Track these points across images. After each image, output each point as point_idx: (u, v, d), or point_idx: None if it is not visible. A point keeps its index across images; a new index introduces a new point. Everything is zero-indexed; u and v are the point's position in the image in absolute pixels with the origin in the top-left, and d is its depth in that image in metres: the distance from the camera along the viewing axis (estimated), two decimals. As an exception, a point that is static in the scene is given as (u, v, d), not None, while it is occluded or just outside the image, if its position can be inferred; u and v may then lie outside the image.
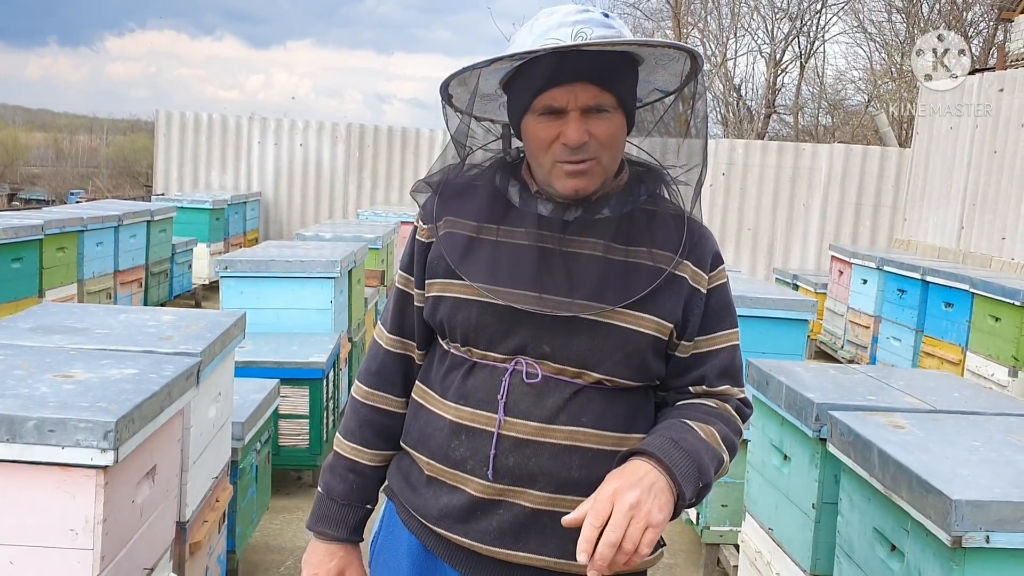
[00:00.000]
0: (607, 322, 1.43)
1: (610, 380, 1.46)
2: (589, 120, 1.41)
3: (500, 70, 1.48)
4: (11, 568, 1.80)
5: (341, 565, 1.63)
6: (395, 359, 1.62)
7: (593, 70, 1.39)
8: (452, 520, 1.47)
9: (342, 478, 1.63)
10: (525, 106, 1.44)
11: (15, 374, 2.04)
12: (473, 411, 1.46)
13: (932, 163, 10.02)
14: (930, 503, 1.81)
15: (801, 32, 21.99)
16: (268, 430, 3.70)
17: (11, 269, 5.72)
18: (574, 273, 1.44)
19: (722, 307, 1.55)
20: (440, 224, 1.53)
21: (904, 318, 6.80)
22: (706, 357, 1.53)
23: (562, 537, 1.42)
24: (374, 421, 1.62)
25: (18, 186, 25.21)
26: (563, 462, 1.43)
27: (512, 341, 1.45)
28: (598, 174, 1.44)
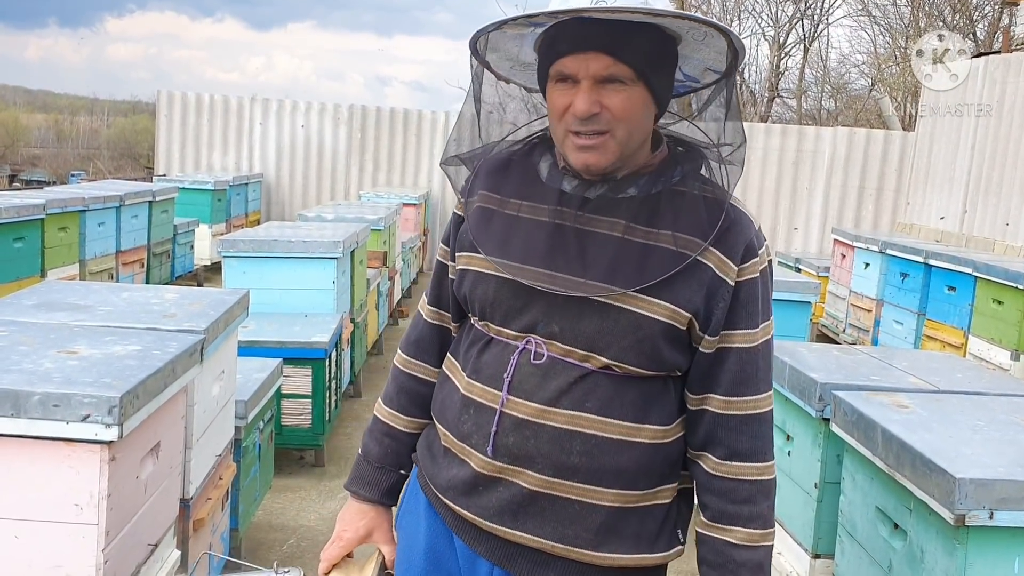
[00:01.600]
0: (618, 305, 1.39)
1: (619, 366, 1.41)
2: (603, 91, 1.36)
3: (533, 35, 1.44)
4: (16, 543, 1.81)
5: (371, 526, 1.66)
6: (432, 330, 1.65)
7: (607, 39, 1.34)
8: (457, 492, 1.49)
9: (378, 441, 1.67)
10: (545, 73, 1.41)
11: (19, 350, 2.04)
12: (483, 387, 1.47)
13: (936, 147, 9.99)
14: (933, 482, 1.81)
15: (805, 15, 21.89)
16: (271, 409, 3.71)
17: (13, 249, 5.72)
18: (588, 252, 1.41)
19: (749, 301, 1.44)
20: (473, 199, 1.53)
21: (906, 302, 6.79)
22: (726, 355, 1.44)
23: (560, 521, 1.43)
24: (410, 389, 1.65)
25: (19, 167, 25.19)
26: (563, 446, 1.41)
27: (525, 318, 1.44)
28: (611, 149, 1.39)
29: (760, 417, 1.46)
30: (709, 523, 1.48)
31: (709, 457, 1.47)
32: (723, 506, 1.46)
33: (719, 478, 1.46)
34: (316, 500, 4.17)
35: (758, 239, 1.46)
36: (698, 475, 1.49)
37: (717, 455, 1.46)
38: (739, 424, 1.45)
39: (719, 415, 1.45)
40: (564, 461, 1.42)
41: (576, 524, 1.43)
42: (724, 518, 1.46)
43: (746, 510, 1.45)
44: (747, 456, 1.45)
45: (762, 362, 1.46)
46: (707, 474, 1.47)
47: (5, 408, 1.76)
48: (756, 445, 1.46)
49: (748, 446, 1.45)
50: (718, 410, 1.45)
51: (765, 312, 1.47)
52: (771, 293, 1.50)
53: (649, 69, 1.37)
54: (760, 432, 1.46)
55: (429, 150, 11.99)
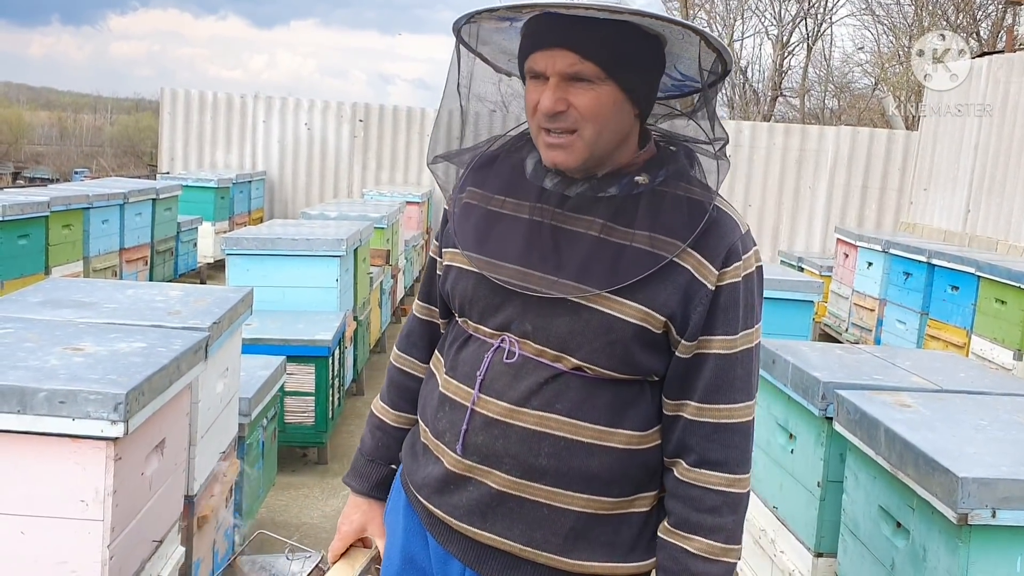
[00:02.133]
0: (591, 306, 1.37)
1: (591, 368, 1.39)
2: (571, 89, 1.34)
3: (516, 30, 1.43)
4: (22, 538, 1.81)
5: (364, 520, 1.68)
6: (422, 325, 1.65)
7: (573, 36, 1.32)
8: (431, 490, 1.49)
9: (371, 434, 1.69)
10: (520, 69, 1.41)
11: (25, 347, 2.04)
12: (458, 384, 1.47)
13: (939, 146, 9.98)
14: (936, 481, 1.82)
15: (808, 14, 21.87)
16: (274, 407, 3.71)
17: (17, 246, 5.73)
18: (563, 251, 1.39)
19: (730, 307, 1.39)
20: (462, 195, 1.53)
21: (909, 301, 6.79)
22: (703, 361, 1.40)
23: (528, 524, 1.41)
24: (400, 383, 1.66)
25: (22, 165, 25.22)
26: (531, 447, 1.40)
27: (500, 316, 1.43)
28: (579, 148, 1.37)
29: (734, 427, 1.42)
30: (670, 529, 1.43)
31: (680, 463, 1.43)
32: (686, 513, 1.41)
33: (686, 484, 1.42)
34: (319, 497, 4.18)
35: (743, 243, 1.41)
36: (668, 481, 1.45)
37: (687, 462, 1.42)
38: (711, 432, 1.41)
39: (691, 421, 1.41)
40: (532, 462, 1.40)
41: (544, 528, 1.41)
42: (686, 526, 1.41)
43: (709, 520, 1.40)
44: (717, 465, 1.41)
45: (740, 370, 1.41)
46: (675, 479, 1.43)
47: (11, 405, 1.77)
48: (728, 455, 1.41)
49: (719, 456, 1.41)
50: (691, 416, 1.42)
51: (747, 319, 1.41)
52: (757, 300, 1.44)
53: (620, 68, 1.34)
54: (734, 442, 1.42)
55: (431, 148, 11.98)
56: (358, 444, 1.72)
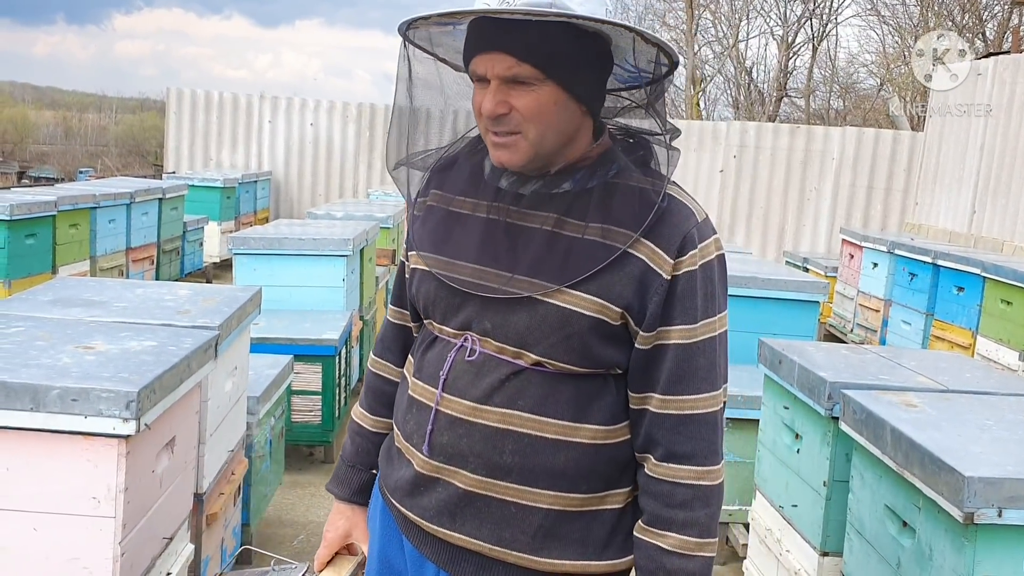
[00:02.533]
0: (546, 301, 1.37)
1: (550, 363, 1.39)
2: (512, 91, 1.35)
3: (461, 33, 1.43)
4: (35, 535, 1.83)
5: (348, 526, 1.69)
6: (395, 329, 1.66)
7: (510, 40, 1.33)
8: (402, 493, 1.50)
9: (351, 440, 1.70)
10: (468, 73, 1.41)
11: (37, 345, 2.06)
12: (424, 385, 1.48)
13: (945, 147, 9.97)
14: (943, 480, 1.82)
15: (814, 14, 21.85)
16: (282, 405, 3.73)
17: (25, 245, 5.75)
18: (518, 248, 1.40)
19: (687, 296, 1.38)
20: (426, 199, 1.54)
21: (915, 302, 6.79)
22: (663, 352, 1.39)
23: (497, 523, 1.41)
24: (377, 388, 1.68)
25: (27, 164, 25.25)
26: (495, 445, 1.39)
27: (462, 316, 1.43)
28: (523, 149, 1.37)
29: (700, 418, 1.40)
30: (644, 527, 1.42)
31: (649, 458, 1.42)
32: (658, 509, 1.40)
33: (655, 480, 1.40)
34: (326, 496, 4.19)
35: (700, 231, 1.40)
36: (639, 478, 1.44)
37: (655, 456, 1.41)
38: (676, 424, 1.39)
39: (656, 414, 1.40)
40: (497, 460, 1.40)
41: (513, 527, 1.41)
42: (658, 522, 1.40)
43: (681, 515, 1.38)
44: (684, 458, 1.39)
45: (702, 360, 1.40)
46: (645, 476, 1.42)
47: (24, 402, 1.79)
48: (696, 447, 1.39)
49: (687, 448, 1.39)
50: (656, 409, 1.40)
51: (708, 308, 1.40)
52: (719, 289, 1.42)
53: (558, 68, 1.34)
54: (700, 434, 1.40)
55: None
56: None
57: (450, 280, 1.43)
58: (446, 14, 1.36)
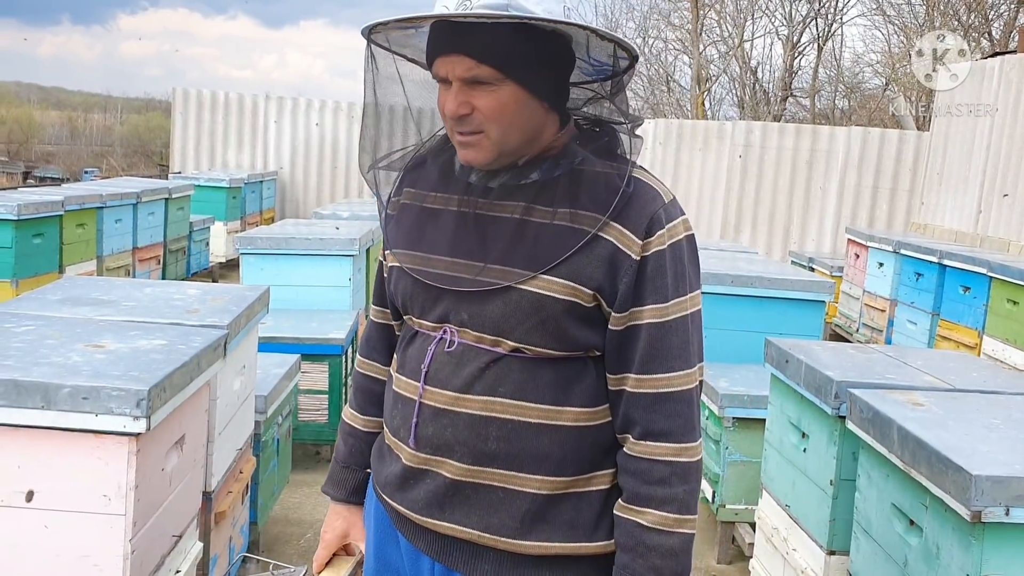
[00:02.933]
0: (519, 287, 1.39)
1: (528, 348, 1.41)
2: (473, 92, 1.37)
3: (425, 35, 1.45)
4: (46, 532, 1.84)
5: (345, 526, 1.70)
6: (379, 329, 1.68)
7: (469, 42, 1.35)
8: (392, 488, 1.52)
9: (344, 441, 1.71)
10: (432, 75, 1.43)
11: (47, 343, 2.07)
12: (406, 380, 1.49)
13: (951, 147, 9.96)
14: (950, 479, 1.83)
15: (819, 14, 21.82)
16: (289, 404, 3.74)
17: (32, 245, 5.77)
18: (488, 238, 1.42)
19: (657, 275, 1.40)
20: (399, 197, 1.57)
21: (920, 301, 6.78)
22: (636, 332, 1.41)
23: (485, 510, 1.43)
24: (365, 388, 1.69)
25: (33, 164, 25.32)
26: (479, 433, 1.41)
27: (439, 308, 1.45)
28: (486, 147, 1.40)
29: (675, 396, 1.41)
30: (624, 504, 1.43)
31: (627, 438, 1.43)
32: (637, 487, 1.41)
33: (634, 458, 1.42)
34: (332, 495, 4.21)
35: (667, 211, 1.42)
36: (619, 457, 1.45)
37: (633, 435, 1.42)
38: (651, 403, 1.41)
39: (632, 394, 1.42)
40: (482, 448, 1.41)
41: (501, 512, 1.42)
42: (637, 499, 1.41)
43: (660, 492, 1.40)
44: (661, 436, 1.40)
45: (675, 339, 1.41)
46: (624, 455, 1.43)
47: (36, 400, 1.80)
48: (672, 425, 1.41)
49: (663, 426, 1.40)
50: (632, 389, 1.42)
51: (678, 287, 1.42)
52: (690, 268, 1.44)
53: (517, 68, 1.37)
54: (676, 411, 1.41)
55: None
56: None
57: (423, 276, 1.46)
58: (405, 19, 1.38)
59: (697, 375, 1.45)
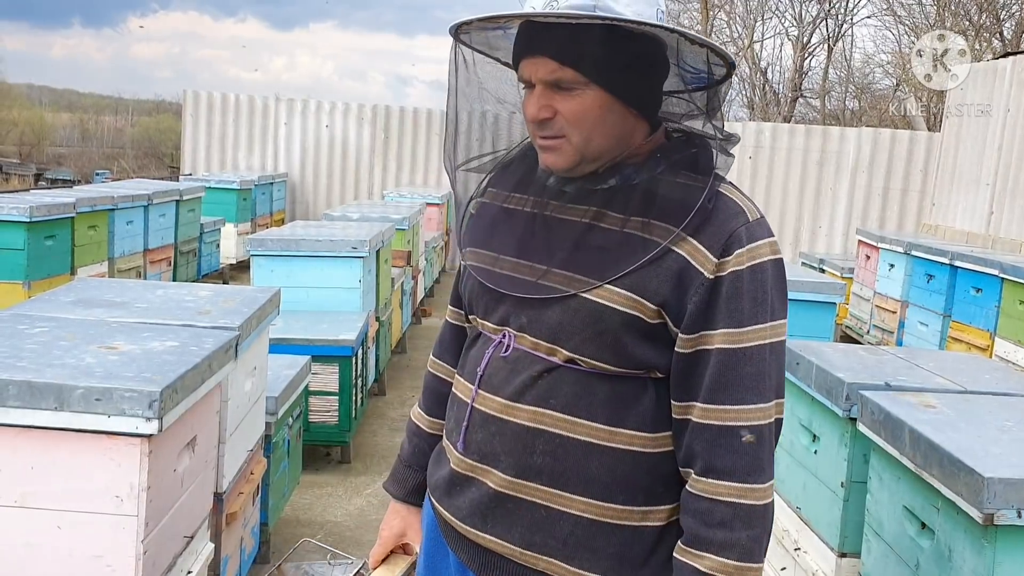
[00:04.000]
0: (580, 295, 1.34)
1: (583, 360, 1.34)
2: (557, 96, 1.33)
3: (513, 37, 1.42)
4: (58, 532, 1.85)
5: (402, 525, 1.68)
6: (452, 330, 1.66)
7: (553, 44, 1.30)
8: (440, 492, 1.49)
9: (408, 440, 1.69)
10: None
11: (60, 345, 2.08)
12: (464, 382, 1.47)
13: (962, 147, 9.92)
14: (962, 481, 1.82)
15: (829, 15, 21.77)
16: (300, 406, 3.75)
17: (44, 247, 5.80)
18: (555, 241, 1.38)
19: (732, 298, 1.30)
20: (482, 197, 1.55)
21: (932, 303, 6.76)
22: (705, 357, 1.32)
23: (527, 526, 1.37)
24: (434, 389, 1.66)
25: (44, 166, 25.45)
26: (525, 444, 1.36)
27: (500, 311, 1.42)
28: (568, 152, 1.36)
29: (744, 431, 1.31)
30: (682, 547, 1.33)
31: (690, 473, 1.34)
32: (696, 528, 1.31)
33: (695, 496, 1.32)
34: (343, 496, 4.22)
35: (750, 231, 1.32)
36: (682, 495, 1.36)
37: (695, 471, 1.33)
38: (717, 436, 1.31)
39: (697, 424, 1.32)
40: (527, 461, 1.36)
41: (544, 531, 1.36)
42: (696, 542, 1.31)
43: (720, 536, 1.29)
44: (725, 474, 1.30)
45: (749, 368, 1.31)
46: (686, 492, 1.34)
47: (49, 401, 1.81)
48: (738, 463, 1.30)
49: (728, 463, 1.30)
50: (697, 419, 1.32)
51: (757, 313, 1.31)
52: (773, 295, 1.33)
53: (603, 73, 1.31)
54: (743, 448, 1.30)
55: (452, 150, 12.01)
56: (379, 443, 1.74)
57: (484, 277, 1.43)
58: (488, 18, 1.35)
59: (773, 411, 1.34)
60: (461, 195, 1.57)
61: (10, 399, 1.80)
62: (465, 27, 1.41)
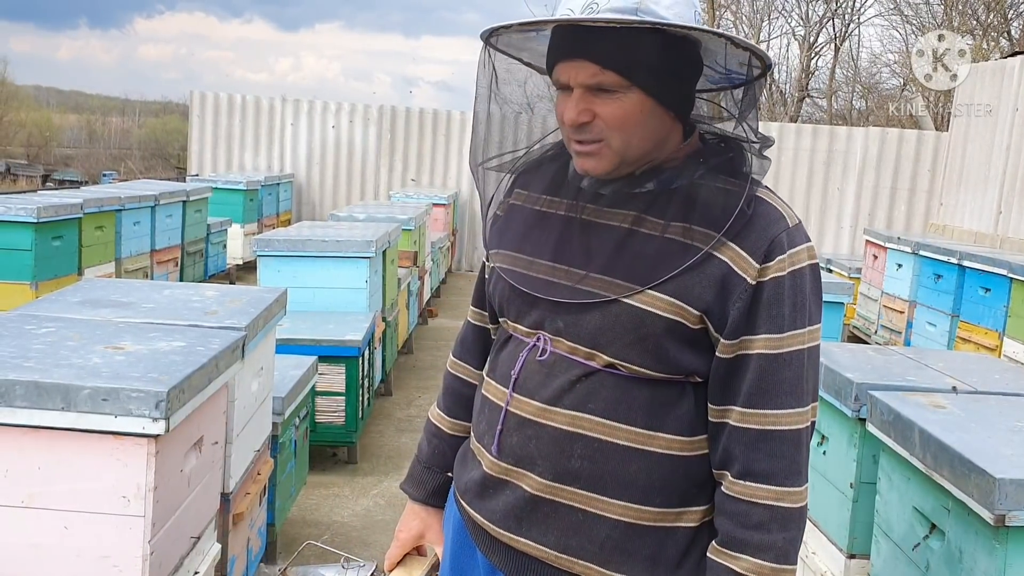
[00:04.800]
0: (620, 300, 1.33)
1: (623, 365, 1.34)
2: (596, 99, 1.31)
3: (544, 38, 1.40)
4: (65, 533, 1.85)
5: (421, 527, 1.66)
6: (475, 331, 1.64)
7: (594, 47, 1.29)
8: (472, 495, 1.48)
9: (428, 441, 1.67)
10: (551, 80, 1.38)
11: (67, 345, 2.08)
12: (496, 385, 1.46)
13: (970, 147, 9.89)
14: (973, 482, 1.81)
15: (836, 14, 21.73)
16: (306, 406, 3.75)
17: (52, 247, 5.81)
18: (593, 246, 1.36)
19: (774, 304, 1.30)
20: (509, 198, 1.53)
21: (940, 303, 6.74)
22: (745, 362, 1.32)
23: (563, 531, 1.37)
24: (455, 390, 1.65)
25: (51, 167, 25.53)
26: (563, 448, 1.35)
27: (535, 314, 1.41)
28: (607, 156, 1.34)
29: (781, 435, 1.32)
30: (717, 547, 1.35)
31: (726, 475, 1.35)
32: (733, 530, 1.33)
33: (731, 498, 1.33)
34: (349, 496, 4.21)
35: (790, 236, 1.33)
36: (716, 497, 1.37)
37: (732, 473, 1.34)
38: (755, 440, 1.32)
39: (735, 428, 1.33)
40: (565, 465, 1.36)
41: (580, 535, 1.36)
42: (732, 543, 1.32)
43: (756, 538, 1.31)
44: (762, 477, 1.32)
45: (788, 373, 1.32)
46: (722, 494, 1.35)
47: (56, 402, 1.81)
48: (775, 466, 1.32)
49: (765, 466, 1.32)
50: (735, 423, 1.33)
51: (796, 319, 1.32)
52: (811, 300, 1.34)
53: (644, 75, 1.30)
54: (781, 451, 1.32)
55: (458, 150, 12.03)
56: (386, 444, 1.73)
57: (518, 281, 1.41)
58: (529, 23, 1.33)
59: (809, 415, 1.36)
60: (484, 194, 1.56)
61: (17, 399, 1.80)
62: (502, 31, 1.38)
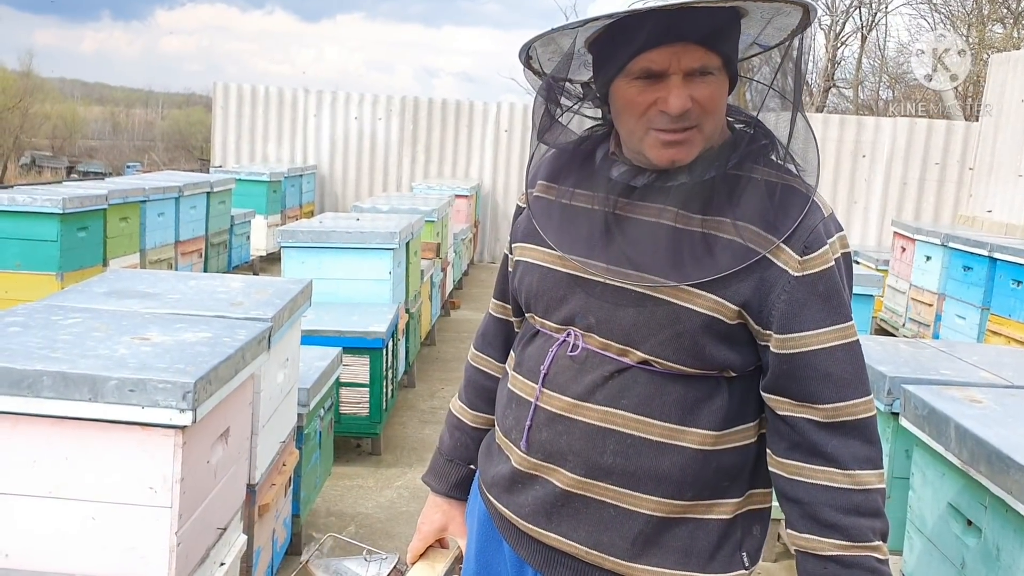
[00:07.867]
0: (657, 296, 1.30)
1: (658, 361, 1.31)
2: (692, 84, 1.26)
3: (589, 27, 1.33)
4: (93, 524, 1.85)
5: (444, 520, 1.66)
6: (497, 323, 1.63)
7: (700, 29, 1.23)
8: (500, 489, 1.47)
9: (449, 434, 1.67)
10: (618, 68, 1.29)
11: (94, 336, 2.08)
12: (523, 380, 1.44)
13: (1001, 137, 9.75)
14: (1012, 478, 1.77)
15: (863, 3, 21.48)
16: (331, 397, 3.74)
17: (77, 238, 5.84)
18: (630, 241, 1.32)
19: (820, 296, 1.28)
20: (532, 189, 1.49)
21: (969, 296, 6.65)
22: (797, 359, 1.29)
23: (594, 526, 1.36)
24: (476, 382, 1.64)
25: (76, 159, 25.75)
26: (595, 444, 1.34)
27: (564, 309, 1.38)
28: (697, 143, 1.29)
29: (867, 422, 1.31)
30: (798, 534, 1.33)
31: (799, 464, 1.32)
32: (814, 515, 1.31)
33: (808, 485, 1.31)
34: (373, 488, 4.21)
35: (826, 227, 1.30)
36: (784, 485, 1.34)
37: (808, 461, 1.31)
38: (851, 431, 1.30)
39: (825, 424, 1.30)
40: (597, 460, 1.34)
41: (612, 530, 1.35)
42: (815, 529, 1.31)
43: (847, 521, 1.30)
44: (869, 463, 1.30)
45: (858, 361, 1.31)
46: (797, 482, 1.32)
47: (83, 392, 1.80)
48: (874, 451, 1.31)
49: (868, 452, 1.30)
50: (825, 419, 1.30)
51: (840, 310, 1.29)
52: (844, 290, 1.31)
53: (733, 55, 1.29)
54: (873, 437, 1.31)
55: (480, 141, 12.01)
56: (409, 435, 1.71)
57: (550, 276, 1.38)
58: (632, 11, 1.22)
59: (872, 403, 1.34)
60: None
61: (44, 390, 1.80)
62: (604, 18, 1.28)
